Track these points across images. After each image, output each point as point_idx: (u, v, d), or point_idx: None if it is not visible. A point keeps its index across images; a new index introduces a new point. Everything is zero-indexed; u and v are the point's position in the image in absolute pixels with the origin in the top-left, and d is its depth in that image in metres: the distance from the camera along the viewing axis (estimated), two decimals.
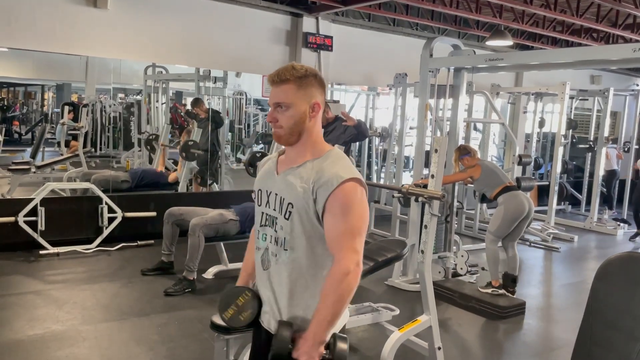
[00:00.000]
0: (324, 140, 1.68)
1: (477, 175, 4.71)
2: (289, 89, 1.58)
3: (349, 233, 1.55)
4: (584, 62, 4.47)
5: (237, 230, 4.59)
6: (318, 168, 1.58)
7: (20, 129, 9.41)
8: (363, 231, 1.58)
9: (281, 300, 1.63)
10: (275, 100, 1.60)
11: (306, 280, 1.60)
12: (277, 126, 1.61)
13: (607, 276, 1.79)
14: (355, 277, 1.53)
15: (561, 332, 4.13)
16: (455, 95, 5.02)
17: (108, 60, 6.73)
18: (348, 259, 1.53)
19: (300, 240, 1.59)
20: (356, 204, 1.56)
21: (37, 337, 3.44)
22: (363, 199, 1.59)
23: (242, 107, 9.85)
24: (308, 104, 1.60)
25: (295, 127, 1.60)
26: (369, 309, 3.34)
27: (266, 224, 1.66)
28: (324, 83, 1.66)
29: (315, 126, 1.64)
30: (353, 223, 1.55)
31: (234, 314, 1.69)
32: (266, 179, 1.70)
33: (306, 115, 1.60)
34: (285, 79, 1.58)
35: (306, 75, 1.59)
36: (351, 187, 1.55)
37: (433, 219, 2.99)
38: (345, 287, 1.51)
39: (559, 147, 7.07)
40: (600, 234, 7.78)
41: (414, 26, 8.24)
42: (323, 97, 1.65)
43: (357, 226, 1.56)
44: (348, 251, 1.54)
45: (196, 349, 3.39)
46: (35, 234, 5.10)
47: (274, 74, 1.60)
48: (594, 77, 10.68)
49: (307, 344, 1.52)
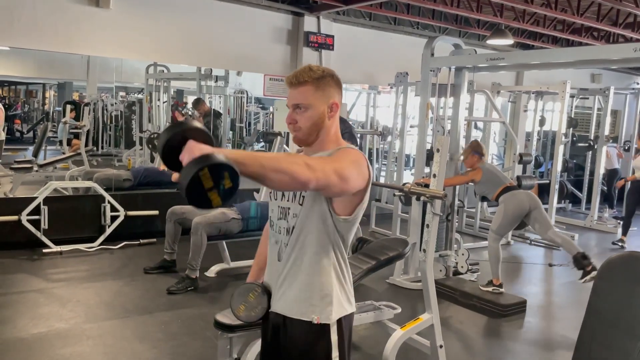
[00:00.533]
0: (341, 138, 1.71)
1: (479, 179, 4.78)
2: (307, 90, 1.61)
3: (332, 159, 1.53)
4: (584, 61, 4.49)
5: (239, 228, 4.62)
6: (333, 150, 1.63)
7: (22, 128, 9.43)
8: (347, 170, 1.49)
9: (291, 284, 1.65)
10: (294, 101, 1.63)
11: (312, 265, 1.62)
12: (296, 128, 1.64)
13: (608, 275, 1.81)
14: (303, 171, 1.36)
15: (562, 330, 4.15)
16: (456, 94, 5.03)
17: (110, 59, 6.75)
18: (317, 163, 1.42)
19: (313, 225, 1.61)
20: (354, 158, 1.56)
21: (40, 335, 3.46)
22: (361, 163, 1.58)
23: (243, 106, 9.86)
24: (326, 105, 1.63)
25: (314, 127, 1.63)
26: (371, 307, 3.36)
27: (281, 217, 1.69)
28: (341, 83, 1.69)
29: (333, 125, 1.67)
30: (341, 160, 1.52)
31: (246, 310, 1.73)
32: None
33: (325, 115, 1.64)
34: (303, 81, 1.60)
35: (323, 76, 1.62)
36: (357, 152, 1.60)
37: (435, 218, 3.01)
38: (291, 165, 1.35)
39: (560, 146, 7.08)
40: (601, 232, 7.80)
41: (415, 25, 8.25)
42: (340, 96, 1.68)
43: (343, 164, 1.50)
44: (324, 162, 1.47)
45: (199, 346, 3.41)
46: (39, 233, 5.12)
47: (291, 75, 1.63)
48: (595, 75, 10.69)
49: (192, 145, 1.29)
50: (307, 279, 1.63)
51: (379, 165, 9.21)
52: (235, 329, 2.63)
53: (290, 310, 1.65)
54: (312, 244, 1.62)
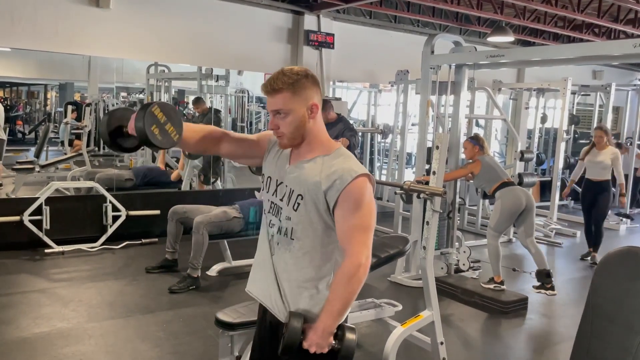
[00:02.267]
0: (329, 137, 1.71)
1: (477, 171, 4.76)
2: (284, 97, 1.60)
3: (360, 227, 1.59)
4: (585, 57, 4.49)
5: (241, 227, 4.62)
6: (329, 164, 1.62)
7: (24, 129, 9.45)
8: (372, 227, 1.63)
9: (288, 288, 1.66)
10: (273, 108, 1.63)
11: (312, 271, 1.64)
12: (279, 134, 1.65)
13: (606, 271, 1.82)
14: (365, 270, 1.58)
15: (563, 327, 4.15)
16: (457, 91, 5.02)
17: (110, 60, 6.76)
18: (359, 253, 1.57)
19: (308, 231, 1.62)
20: (367, 199, 1.60)
21: (43, 334, 3.47)
22: (372, 196, 1.63)
23: (245, 105, 9.87)
24: (305, 107, 1.62)
25: (297, 131, 1.63)
26: (372, 304, 3.36)
27: (271, 212, 1.71)
28: (318, 80, 1.67)
29: (316, 125, 1.66)
30: (364, 219, 1.59)
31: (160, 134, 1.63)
32: (277, 169, 1.73)
33: (305, 118, 1.63)
34: (278, 88, 1.59)
35: (298, 80, 1.60)
36: (363, 182, 1.59)
37: (435, 215, 3.01)
38: (356, 279, 1.57)
39: (561, 143, 7.06)
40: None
41: (415, 23, 8.25)
42: (319, 95, 1.66)
43: (368, 222, 1.61)
44: (359, 245, 1.58)
45: (201, 345, 3.42)
46: (40, 233, 5.14)
47: (266, 83, 1.62)
48: (596, 72, 10.66)
49: (317, 334, 1.57)
50: (304, 277, 1.64)
51: (380, 163, 9.20)
52: (236, 327, 2.64)
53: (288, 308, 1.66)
54: (308, 246, 1.63)
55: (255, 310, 1.87)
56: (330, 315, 1.57)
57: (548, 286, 4.69)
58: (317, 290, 1.63)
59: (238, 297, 4.04)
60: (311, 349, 1.57)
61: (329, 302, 1.59)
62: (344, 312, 1.59)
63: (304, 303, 1.63)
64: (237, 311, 2.70)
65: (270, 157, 1.77)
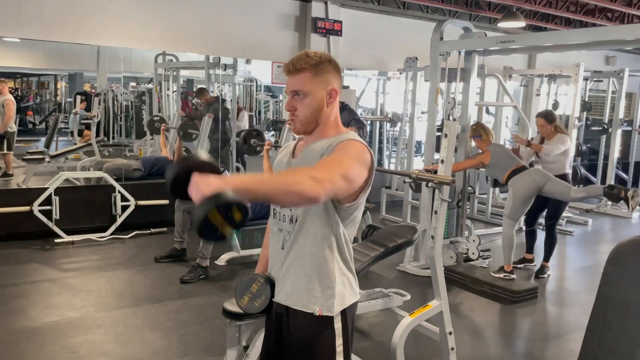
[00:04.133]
0: (342, 125, 1.69)
1: (487, 161, 4.69)
2: (305, 77, 1.58)
3: (338, 161, 1.49)
4: (598, 42, 4.38)
5: (249, 216, 4.60)
6: (332, 140, 1.60)
7: (34, 119, 9.50)
8: (351, 169, 1.47)
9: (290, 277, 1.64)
10: (292, 88, 1.60)
11: (315, 254, 1.60)
12: (294, 116, 1.62)
13: (618, 260, 1.77)
14: (311, 187, 1.33)
15: (574, 316, 4.11)
16: (467, 78, 4.95)
17: (118, 49, 6.75)
18: (322, 171, 1.41)
19: (313, 214, 1.59)
20: (356, 152, 1.53)
21: (52, 324, 3.50)
22: (363, 155, 1.54)
23: (253, 94, 9.84)
24: (325, 91, 1.61)
25: (313, 115, 1.61)
26: (380, 294, 3.34)
27: None
28: (339, 68, 1.66)
29: (332, 112, 1.65)
30: (346, 157, 1.50)
31: (249, 301, 1.74)
32: (283, 164, 1.73)
33: (324, 102, 1.61)
34: (300, 68, 1.58)
35: (321, 62, 1.59)
36: (358, 144, 1.56)
37: (443, 204, 2.97)
38: (297, 184, 1.33)
39: (573, 130, 6.96)
40: (615, 217, 7.70)
41: (424, 9, 8.14)
42: (339, 82, 1.65)
43: (348, 162, 1.48)
44: (328, 167, 1.45)
45: (209, 334, 3.43)
46: (50, 223, 5.17)
47: (288, 63, 1.60)
48: (609, 57, 10.49)
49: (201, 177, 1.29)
50: (309, 269, 1.61)
51: (388, 152, 9.15)
52: (244, 317, 2.63)
53: (292, 301, 1.63)
54: (315, 233, 1.60)
55: None
56: (240, 177, 1.35)
57: (622, 194, 4.12)
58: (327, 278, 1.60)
59: None
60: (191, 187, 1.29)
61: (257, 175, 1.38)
62: (252, 189, 1.32)
63: (310, 292, 1.60)
64: None
65: (277, 160, 1.79)
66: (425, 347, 3.35)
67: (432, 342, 3.17)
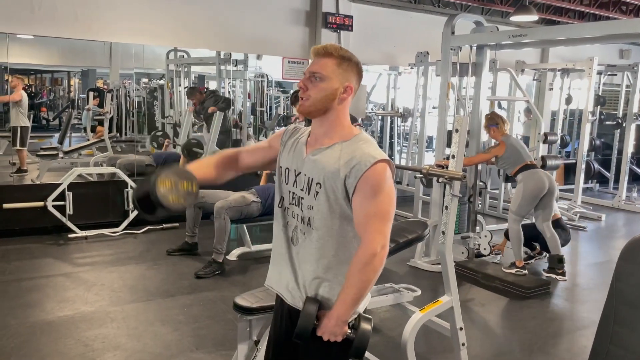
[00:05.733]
0: (351, 124, 1.68)
1: (501, 154, 4.66)
2: (330, 62, 1.60)
3: (378, 215, 1.55)
4: (612, 36, 4.34)
5: (260, 212, 4.63)
6: (348, 150, 1.59)
7: (48, 115, 9.60)
8: (391, 215, 1.58)
9: (306, 277, 1.65)
10: (312, 69, 1.62)
11: (330, 260, 1.62)
12: (305, 95, 1.62)
13: (630, 256, 1.76)
14: (380, 260, 1.54)
15: (586, 312, 4.08)
16: (478, 73, 4.92)
17: (130, 46, 6.78)
18: (375, 241, 1.53)
19: (327, 220, 1.60)
20: (386, 186, 1.56)
21: (67, 317, 3.55)
22: (392, 182, 1.59)
23: (264, 90, 9.84)
24: (342, 84, 1.61)
25: (322, 101, 1.60)
26: (390, 289, 3.34)
27: (293, 203, 1.68)
28: (362, 74, 1.68)
29: (343, 109, 1.65)
30: (382, 206, 1.55)
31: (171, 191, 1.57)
32: (294, 159, 1.70)
33: (337, 94, 1.61)
34: (329, 53, 1.61)
35: (350, 59, 1.63)
36: (382, 168, 1.56)
37: (454, 199, 2.96)
38: (371, 268, 1.53)
39: (586, 125, 6.90)
40: (629, 212, 7.62)
41: (436, 3, 8.09)
42: (357, 85, 1.67)
43: (386, 209, 1.56)
44: (375, 233, 1.54)
45: (220, 329, 3.45)
46: (64, 218, 5.23)
47: (319, 46, 1.63)
48: (623, 51, 10.36)
49: (331, 322, 1.55)
50: (323, 266, 1.62)
51: (399, 147, 9.12)
52: (255, 312, 2.64)
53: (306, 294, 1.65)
54: (327, 235, 1.61)
55: (274, 295, 1.86)
56: (344, 303, 1.55)
57: (559, 271, 4.60)
58: (336, 280, 1.61)
59: (257, 281, 4.07)
60: (324, 336, 1.56)
61: (343, 290, 1.57)
62: (358, 301, 1.57)
63: (323, 292, 1.62)
64: (256, 296, 2.70)
65: (287, 151, 1.75)
66: (436, 343, 3.35)
67: (442, 337, 3.17)
